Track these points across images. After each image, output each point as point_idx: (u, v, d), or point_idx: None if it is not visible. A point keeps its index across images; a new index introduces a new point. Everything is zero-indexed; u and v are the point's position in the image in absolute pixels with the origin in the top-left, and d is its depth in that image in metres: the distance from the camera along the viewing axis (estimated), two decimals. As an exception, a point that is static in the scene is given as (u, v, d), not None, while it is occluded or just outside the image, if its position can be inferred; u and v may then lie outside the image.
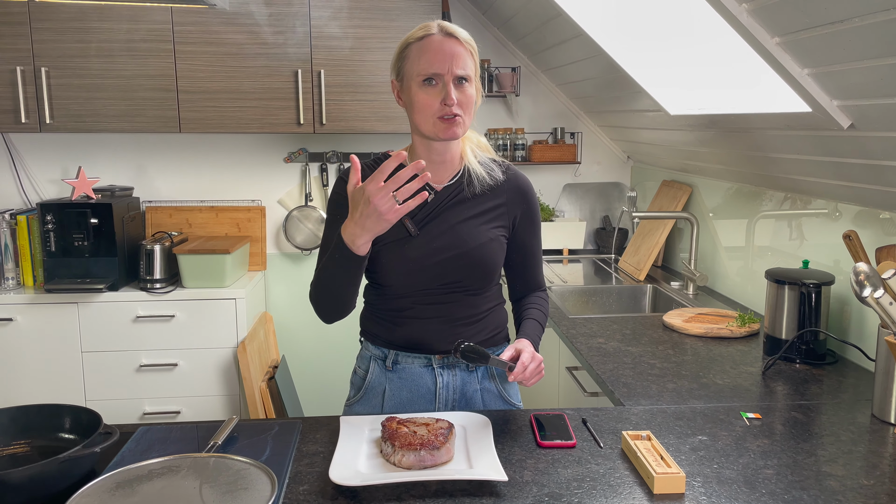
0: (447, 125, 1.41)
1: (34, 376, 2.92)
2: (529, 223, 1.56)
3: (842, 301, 1.94)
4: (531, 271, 1.61)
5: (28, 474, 1.11)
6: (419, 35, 1.42)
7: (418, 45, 1.41)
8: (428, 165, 1.49)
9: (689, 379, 1.75)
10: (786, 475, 1.23)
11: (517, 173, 1.56)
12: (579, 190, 3.53)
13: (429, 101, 1.40)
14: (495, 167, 1.54)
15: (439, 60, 1.38)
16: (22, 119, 2.86)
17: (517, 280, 1.62)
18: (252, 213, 3.33)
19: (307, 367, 3.50)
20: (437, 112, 1.40)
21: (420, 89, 1.40)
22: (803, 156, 1.91)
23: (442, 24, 1.42)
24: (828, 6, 1.28)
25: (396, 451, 1.24)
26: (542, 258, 1.63)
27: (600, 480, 1.21)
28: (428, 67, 1.39)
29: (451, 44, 1.40)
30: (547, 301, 1.63)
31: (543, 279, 1.65)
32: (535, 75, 3.44)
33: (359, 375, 1.60)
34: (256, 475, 1.15)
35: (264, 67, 2.93)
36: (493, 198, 1.51)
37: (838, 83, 1.48)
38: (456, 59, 1.39)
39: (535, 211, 1.57)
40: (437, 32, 1.41)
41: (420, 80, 1.40)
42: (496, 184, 1.52)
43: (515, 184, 1.54)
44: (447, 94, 1.39)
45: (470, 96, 1.42)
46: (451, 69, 1.39)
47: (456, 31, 1.42)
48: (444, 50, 1.39)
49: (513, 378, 1.36)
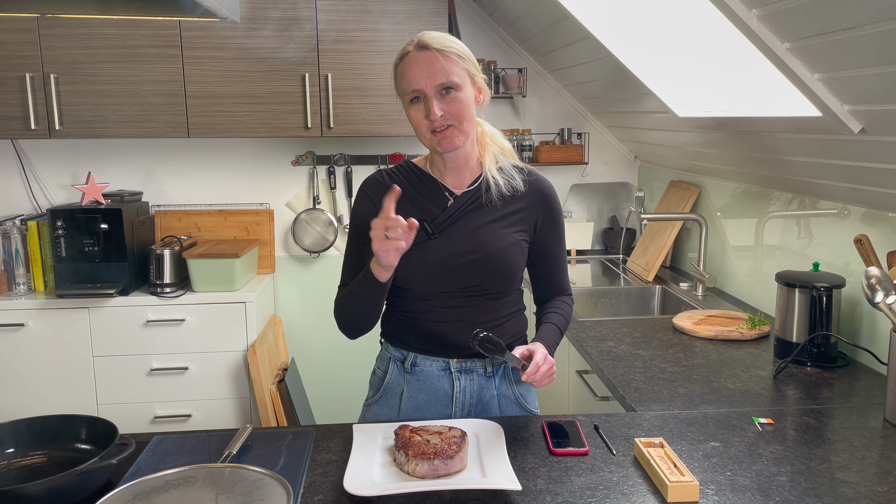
0: (439, 138, 1.42)
1: (46, 381, 2.94)
2: (552, 227, 1.56)
3: (853, 303, 1.94)
4: (555, 276, 1.61)
5: (46, 487, 1.12)
6: (401, 54, 1.44)
7: (402, 66, 1.43)
8: (446, 171, 1.51)
9: (700, 383, 1.75)
10: (799, 482, 1.23)
11: (539, 178, 1.56)
12: (587, 190, 3.53)
13: (418, 118, 1.42)
14: (517, 175, 1.53)
15: (416, 77, 1.39)
16: (31, 125, 2.87)
17: (541, 284, 1.63)
18: (260, 216, 3.34)
19: (316, 369, 3.51)
20: (428, 127, 1.41)
21: (410, 108, 1.43)
22: (813, 159, 1.90)
23: (419, 39, 1.42)
24: (839, 13, 1.28)
25: (410, 461, 1.24)
26: (566, 262, 1.63)
27: (614, 489, 1.21)
28: (408, 86, 1.41)
29: (426, 56, 1.39)
30: (570, 306, 1.62)
31: (568, 283, 1.64)
32: (541, 76, 3.43)
33: (377, 376, 1.61)
34: (272, 486, 1.16)
35: (272, 72, 2.93)
36: (513, 202, 1.51)
37: (849, 88, 1.48)
38: (432, 70, 1.38)
39: (558, 215, 1.57)
40: (413, 48, 1.42)
41: (408, 99, 1.42)
42: (516, 193, 1.52)
43: (537, 188, 1.54)
44: (430, 110, 1.40)
45: (461, 103, 1.41)
46: (429, 83, 1.39)
47: (430, 42, 1.40)
48: (419, 65, 1.39)
49: (525, 377, 1.36)
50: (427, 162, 1.56)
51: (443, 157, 1.49)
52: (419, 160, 1.58)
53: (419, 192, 1.52)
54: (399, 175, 1.54)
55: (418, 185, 1.53)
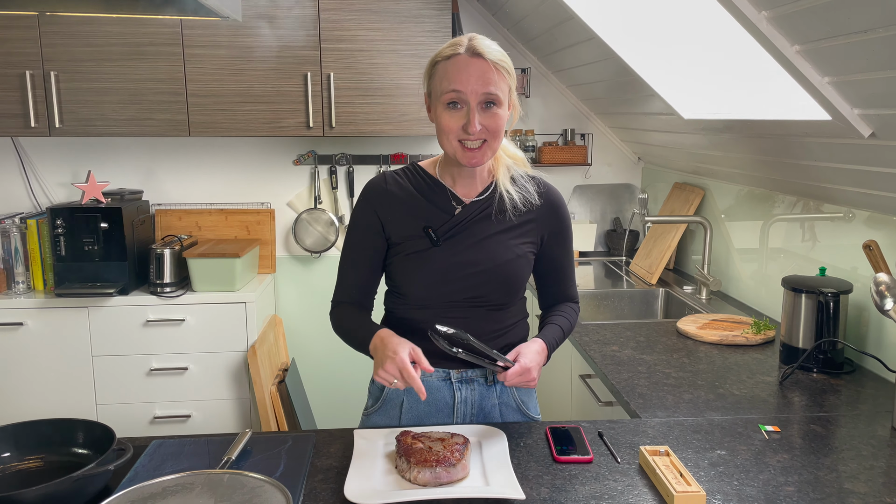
0: (470, 155, 1.38)
1: (44, 381, 2.92)
2: (560, 239, 1.53)
3: (860, 309, 1.92)
4: (561, 286, 1.58)
5: (42, 493, 1.10)
6: (447, 53, 1.37)
7: (444, 65, 1.37)
8: (457, 179, 1.48)
9: (705, 389, 1.73)
10: (807, 492, 1.21)
11: (549, 188, 1.53)
12: (590, 192, 3.51)
13: (451, 125, 1.37)
14: (531, 187, 1.50)
15: (463, 80, 1.34)
16: (31, 123, 2.85)
17: (547, 292, 1.60)
18: (261, 215, 3.32)
19: (317, 369, 3.49)
20: (459, 135, 1.37)
21: (444, 111, 1.37)
22: (821, 162, 1.88)
23: (472, 43, 1.36)
24: (850, 16, 1.26)
25: (412, 468, 1.22)
26: (573, 272, 1.59)
27: (619, 498, 1.19)
28: (448, 86, 1.35)
29: (478, 64, 1.34)
30: (576, 313, 1.59)
31: (576, 291, 1.61)
32: (545, 76, 3.41)
33: (377, 385, 1.57)
34: (271, 493, 1.14)
35: (273, 70, 2.91)
36: (523, 214, 1.48)
37: (859, 92, 1.46)
38: (482, 80, 1.34)
39: (567, 226, 1.54)
40: (465, 52, 1.36)
41: (445, 101, 1.37)
42: (532, 207, 1.49)
43: (547, 199, 1.51)
44: (469, 121, 1.35)
45: (500, 119, 1.37)
46: (476, 90, 1.34)
47: (485, 51, 1.35)
48: (469, 70, 1.34)
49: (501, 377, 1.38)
50: (436, 166, 1.51)
51: (459, 165, 1.45)
52: (426, 163, 1.53)
53: (425, 197, 1.48)
54: (404, 178, 1.50)
55: (425, 190, 1.49)
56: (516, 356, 1.39)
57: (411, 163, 1.55)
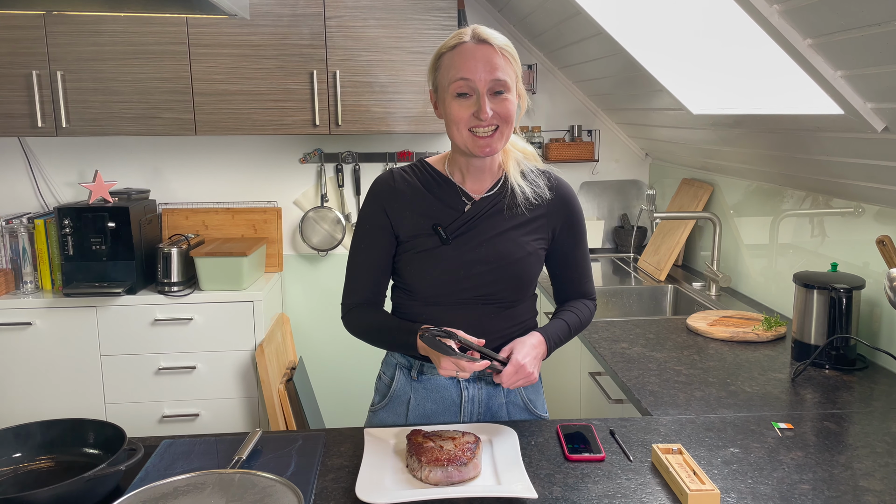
0: (483, 143, 1.36)
1: (53, 381, 2.93)
2: (572, 233, 1.51)
3: (872, 304, 1.90)
4: (576, 281, 1.55)
5: (54, 493, 1.10)
6: (452, 44, 1.37)
7: (450, 55, 1.36)
8: (466, 175, 1.46)
9: (716, 386, 1.72)
10: (822, 490, 1.20)
11: (560, 182, 1.51)
12: (597, 188, 3.50)
13: (461, 114, 1.35)
14: (541, 182, 1.48)
15: (471, 68, 1.33)
16: (38, 123, 2.85)
17: (561, 288, 1.58)
18: (268, 214, 3.32)
19: (324, 367, 3.49)
20: (470, 124, 1.35)
21: (453, 101, 1.36)
22: (833, 157, 1.86)
23: (476, 31, 1.36)
24: (863, 9, 1.24)
25: (423, 467, 1.22)
26: (589, 268, 1.56)
27: (632, 497, 1.18)
28: (458, 75, 1.34)
29: (484, 50, 1.34)
30: (590, 311, 1.56)
31: (592, 288, 1.57)
32: (551, 72, 3.40)
33: (384, 382, 1.56)
34: (283, 492, 1.13)
35: (279, 69, 2.91)
36: (534, 209, 1.46)
37: (873, 86, 1.44)
38: (489, 66, 1.33)
39: (579, 220, 1.52)
40: (470, 39, 1.36)
41: (454, 91, 1.35)
42: (542, 202, 1.47)
43: (558, 193, 1.49)
44: (480, 108, 1.34)
45: (511, 105, 1.36)
46: (484, 77, 1.33)
47: (490, 37, 1.35)
48: (476, 57, 1.33)
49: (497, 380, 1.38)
50: (444, 162, 1.50)
51: (469, 160, 1.43)
52: (434, 160, 1.52)
53: (434, 194, 1.46)
54: (412, 175, 1.48)
55: (433, 187, 1.47)
56: (510, 352, 1.38)
57: (419, 159, 1.52)
